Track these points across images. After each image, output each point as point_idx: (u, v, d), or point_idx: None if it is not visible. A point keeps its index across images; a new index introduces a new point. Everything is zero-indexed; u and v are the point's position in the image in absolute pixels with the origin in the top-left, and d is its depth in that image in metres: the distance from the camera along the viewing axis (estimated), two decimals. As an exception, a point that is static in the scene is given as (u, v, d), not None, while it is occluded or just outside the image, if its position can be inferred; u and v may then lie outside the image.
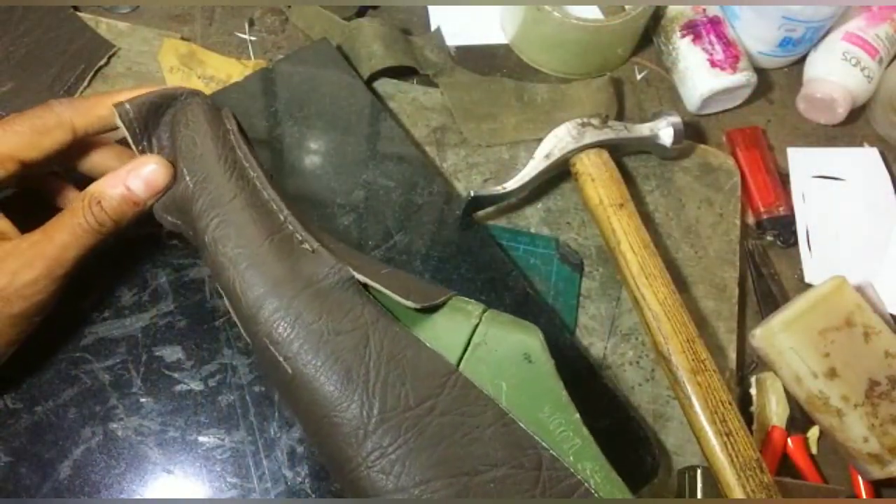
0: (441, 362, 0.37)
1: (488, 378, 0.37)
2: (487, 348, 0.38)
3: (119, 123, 0.41)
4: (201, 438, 0.45)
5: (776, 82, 0.70)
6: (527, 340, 0.38)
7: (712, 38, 0.64)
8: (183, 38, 0.61)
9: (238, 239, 0.39)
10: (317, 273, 0.38)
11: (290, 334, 0.37)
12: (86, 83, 0.56)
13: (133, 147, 0.42)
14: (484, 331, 0.38)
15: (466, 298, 0.40)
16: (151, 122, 0.43)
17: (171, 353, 0.46)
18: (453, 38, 0.65)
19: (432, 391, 0.37)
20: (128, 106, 0.41)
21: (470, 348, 0.38)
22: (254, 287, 0.38)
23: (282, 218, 0.40)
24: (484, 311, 0.39)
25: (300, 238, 0.39)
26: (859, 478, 0.54)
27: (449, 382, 0.37)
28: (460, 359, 0.38)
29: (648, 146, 0.61)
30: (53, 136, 0.40)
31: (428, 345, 0.38)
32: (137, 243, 0.49)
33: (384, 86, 0.61)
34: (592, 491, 0.36)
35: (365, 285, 0.39)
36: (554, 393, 0.38)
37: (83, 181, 0.43)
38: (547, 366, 0.38)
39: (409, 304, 0.38)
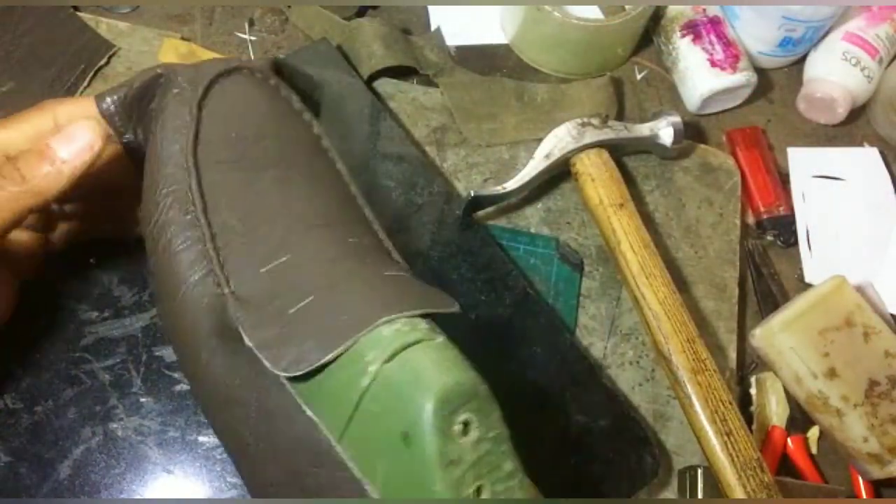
0: (315, 437, 0.32)
1: (367, 455, 0.31)
2: (372, 415, 0.31)
3: (100, 118, 0.40)
4: (201, 438, 0.45)
5: (776, 82, 0.70)
6: (411, 414, 0.30)
7: (712, 37, 0.64)
8: (183, 38, 0.61)
9: (161, 286, 0.37)
10: (230, 326, 0.35)
11: (200, 391, 0.37)
12: (86, 83, 0.56)
13: (118, 140, 0.41)
14: (375, 392, 0.31)
15: (383, 335, 0.32)
16: (136, 111, 0.40)
17: (171, 352, 0.46)
18: (453, 38, 0.65)
19: (303, 469, 0.33)
20: (108, 99, 0.39)
21: (357, 414, 0.31)
22: (178, 335, 0.37)
23: (212, 255, 0.36)
24: (387, 360, 0.31)
25: (219, 282, 0.36)
26: (859, 478, 0.54)
27: (323, 460, 0.32)
28: (346, 427, 0.32)
29: (648, 146, 0.61)
30: (31, 118, 0.38)
31: (309, 412, 0.32)
32: (137, 243, 0.49)
33: (384, 86, 0.61)
34: None
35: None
36: (425, 484, 0.30)
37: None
38: (428, 450, 0.29)
39: (278, 372, 0.32)
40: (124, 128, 0.41)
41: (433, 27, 0.66)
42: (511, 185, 0.55)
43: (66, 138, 0.36)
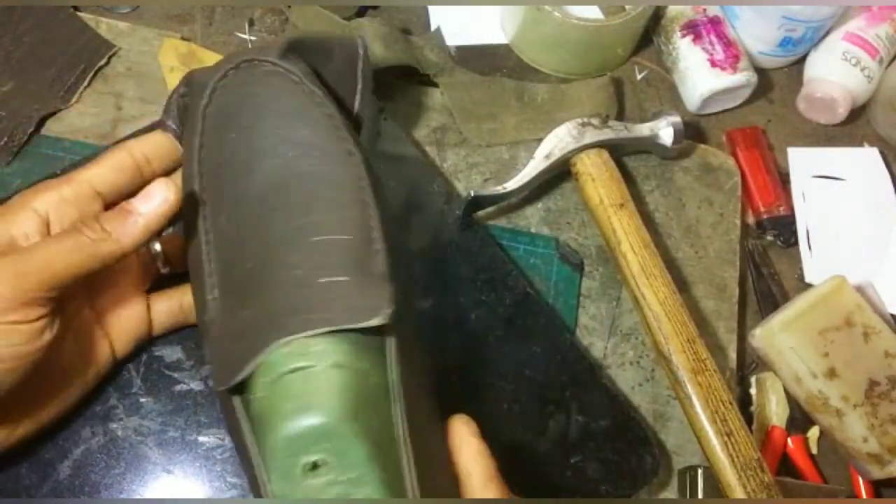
0: (246, 443, 0.33)
1: (263, 472, 0.33)
2: (257, 440, 0.33)
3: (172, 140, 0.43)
4: (201, 438, 0.45)
5: (776, 82, 0.70)
6: (264, 449, 0.31)
7: (712, 37, 0.64)
8: (183, 38, 0.61)
9: (194, 279, 0.39)
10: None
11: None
12: (86, 83, 0.56)
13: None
14: (255, 419, 0.32)
15: (273, 360, 0.32)
16: (183, 117, 0.43)
17: (171, 352, 0.46)
18: (453, 38, 0.65)
19: (249, 467, 0.34)
20: (167, 120, 0.42)
21: (254, 435, 0.33)
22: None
23: (204, 260, 0.38)
24: (267, 388, 0.32)
25: (207, 287, 0.37)
26: (859, 478, 0.54)
27: (252, 465, 0.33)
28: (254, 442, 0.33)
29: (648, 146, 0.61)
30: (111, 155, 0.41)
31: (241, 420, 0.34)
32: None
33: (384, 86, 0.61)
34: None
35: None
36: None
37: None
38: (272, 488, 0.31)
39: (215, 386, 0.34)
40: (180, 132, 0.43)
41: (433, 27, 0.66)
42: (511, 185, 0.55)
43: (146, 196, 0.37)
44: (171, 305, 0.45)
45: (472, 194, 0.53)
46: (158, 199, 0.37)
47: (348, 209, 0.38)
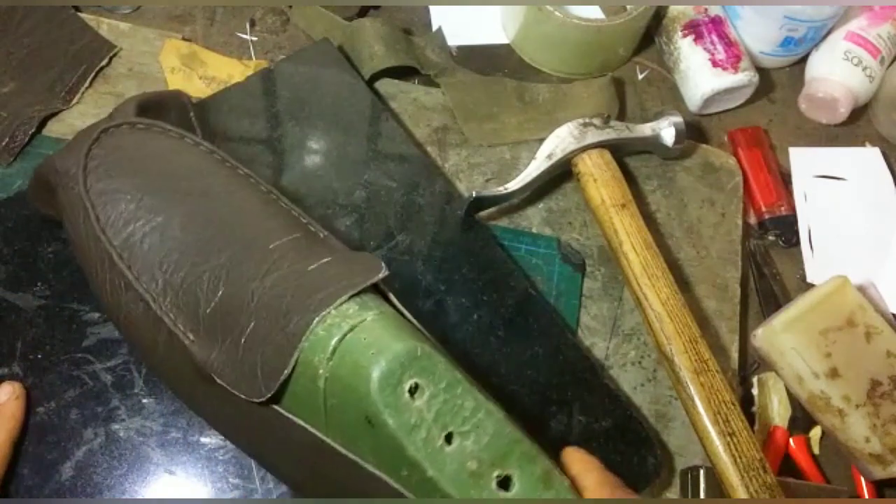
0: (310, 436, 0.35)
1: (350, 440, 0.35)
2: (338, 409, 0.34)
3: None
4: (203, 439, 0.45)
5: (778, 82, 0.70)
6: (363, 401, 0.33)
7: (714, 37, 0.64)
8: (184, 39, 0.61)
9: (137, 348, 0.43)
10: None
11: (210, 420, 0.42)
12: (87, 84, 0.56)
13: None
14: (331, 390, 0.34)
15: (319, 335, 0.34)
16: (42, 201, 0.47)
17: (173, 353, 0.46)
18: (454, 38, 0.65)
19: (315, 462, 0.36)
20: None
21: (328, 411, 0.35)
22: (171, 382, 0.43)
23: (161, 315, 0.39)
24: (330, 359, 0.34)
25: (180, 336, 0.39)
26: (861, 478, 0.54)
27: (323, 453, 0.35)
28: (326, 423, 0.35)
29: (650, 146, 0.61)
30: None
31: (295, 419, 0.36)
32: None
33: (385, 86, 0.61)
34: None
35: None
36: (400, 453, 0.33)
37: None
38: (389, 427, 0.32)
39: (243, 398, 0.36)
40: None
41: (434, 27, 0.66)
42: (513, 185, 0.55)
43: None
44: None
45: (474, 195, 0.53)
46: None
47: (277, 218, 0.41)
